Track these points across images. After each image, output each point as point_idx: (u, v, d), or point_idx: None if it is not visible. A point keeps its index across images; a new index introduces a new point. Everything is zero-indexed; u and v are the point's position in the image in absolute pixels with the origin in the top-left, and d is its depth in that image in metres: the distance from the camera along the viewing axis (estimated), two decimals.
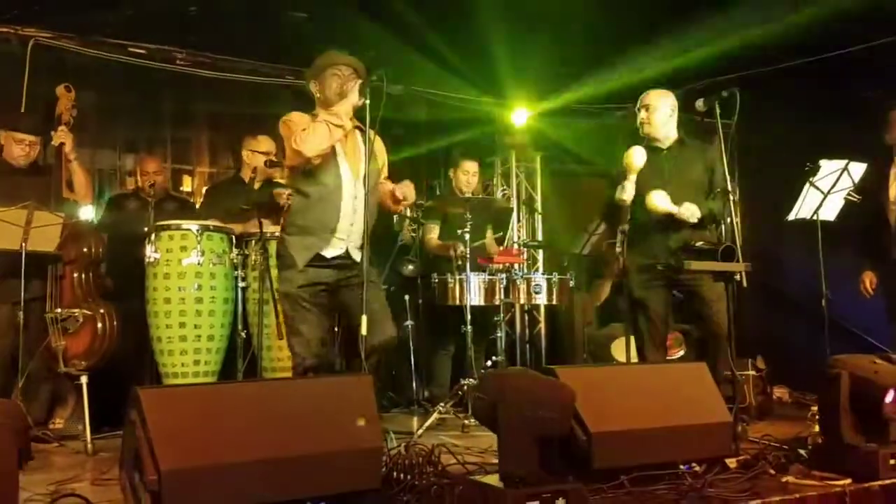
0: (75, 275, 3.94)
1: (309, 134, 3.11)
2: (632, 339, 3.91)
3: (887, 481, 2.64)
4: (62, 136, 4.03)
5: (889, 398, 2.74)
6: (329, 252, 3.24)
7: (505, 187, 7.13)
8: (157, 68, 5.58)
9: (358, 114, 3.27)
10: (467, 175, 5.01)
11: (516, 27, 5.43)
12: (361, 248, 3.24)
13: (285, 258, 3.28)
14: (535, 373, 2.65)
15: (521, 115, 6.85)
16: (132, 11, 4.98)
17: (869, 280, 4.47)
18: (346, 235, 3.25)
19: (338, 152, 3.27)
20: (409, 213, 5.74)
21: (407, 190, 3.37)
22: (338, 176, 3.24)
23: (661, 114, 3.85)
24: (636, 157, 3.67)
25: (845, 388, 2.77)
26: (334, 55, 3.32)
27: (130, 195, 5.00)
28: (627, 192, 3.71)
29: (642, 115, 3.88)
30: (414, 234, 5.47)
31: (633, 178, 3.70)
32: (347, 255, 3.27)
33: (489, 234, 5.32)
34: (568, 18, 5.30)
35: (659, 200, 3.65)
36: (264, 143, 4.67)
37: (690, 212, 3.66)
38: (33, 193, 3.77)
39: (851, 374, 2.80)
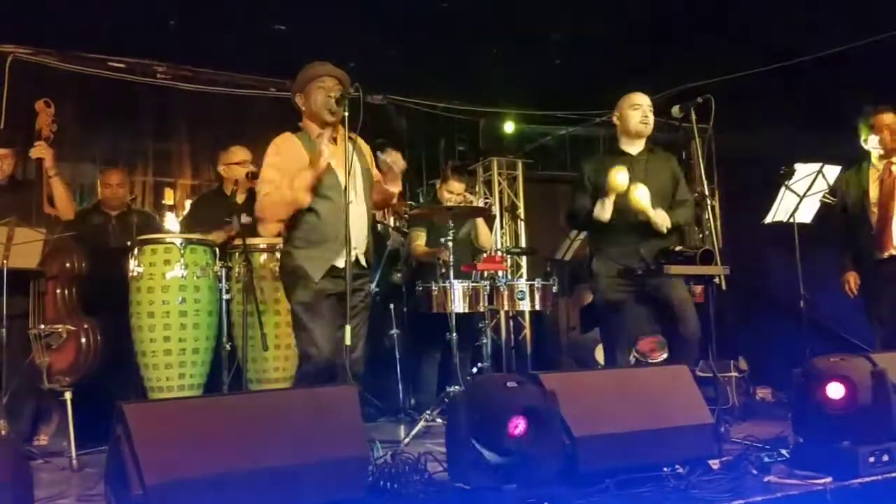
0: (58, 290, 3.92)
1: (267, 204, 3.22)
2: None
3: (867, 479, 2.68)
4: (41, 152, 4.01)
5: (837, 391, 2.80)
6: (342, 262, 3.19)
7: (487, 195, 7.17)
8: (138, 82, 5.58)
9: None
10: (452, 194, 4.98)
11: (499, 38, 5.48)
12: (367, 254, 3.31)
13: (296, 270, 3.23)
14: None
15: (508, 126, 6.93)
16: (112, 25, 4.98)
17: (853, 280, 4.51)
18: (356, 244, 3.25)
19: (332, 164, 3.24)
20: (394, 224, 5.77)
21: (394, 157, 3.32)
22: (339, 188, 3.21)
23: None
24: (620, 177, 3.66)
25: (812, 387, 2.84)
26: (318, 66, 3.32)
27: (92, 210, 4.89)
28: (607, 211, 3.73)
29: (646, 115, 3.85)
30: (402, 241, 5.48)
31: (612, 197, 3.71)
32: (357, 262, 3.28)
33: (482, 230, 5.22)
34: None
35: (642, 196, 3.67)
36: (237, 154, 4.63)
37: (663, 219, 3.72)
38: (14, 209, 3.75)
39: (812, 373, 2.88)
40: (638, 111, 3.86)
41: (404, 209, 5.84)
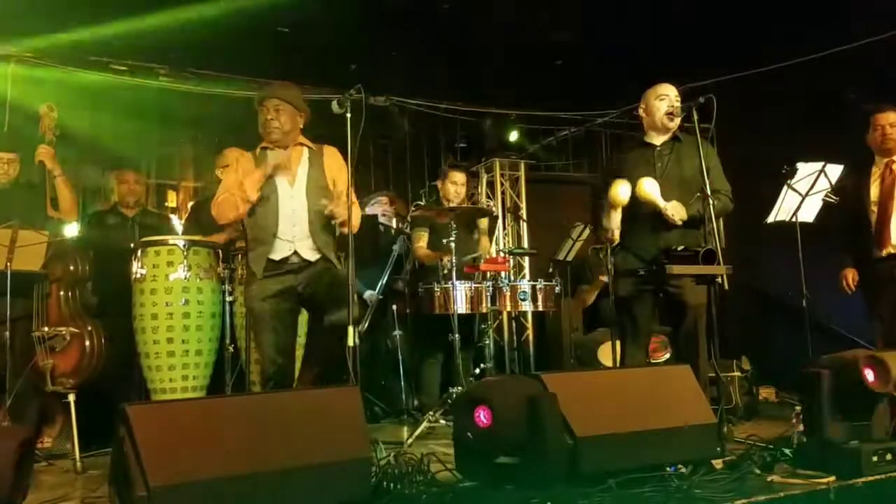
0: (61, 293, 3.93)
1: (220, 206, 3.46)
2: (618, 343, 3.93)
3: (871, 478, 2.67)
4: (44, 155, 4.03)
5: (870, 375, 2.82)
6: (277, 255, 3.40)
7: (490, 198, 7.17)
8: (140, 85, 5.59)
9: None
10: (455, 185, 5.02)
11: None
12: (315, 249, 3.43)
13: (247, 272, 3.50)
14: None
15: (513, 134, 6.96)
16: (114, 28, 4.99)
17: (851, 276, 4.50)
18: (291, 237, 3.42)
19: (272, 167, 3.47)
20: (396, 225, 5.78)
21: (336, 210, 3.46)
22: (273, 187, 3.44)
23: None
24: (621, 191, 3.59)
25: (826, 386, 2.83)
26: (267, 88, 3.58)
27: (110, 211, 4.98)
28: (613, 223, 3.65)
29: (673, 105, 3.73)
30: (409, 245, 5.50)
31: (618, 210, 3.63)
32: (298, 255, 3.43)
33: (484, 242, 5.28)
34: None
35: (648, 187, 3.57)
36: (231, 156, 4.63)
37: (677, 210, 3.58)
38: (17, 212, 3.77)
39: (832, 370, 2.86)
40: (665, 101, 3.75)
41: (411, 211, 5.87)
